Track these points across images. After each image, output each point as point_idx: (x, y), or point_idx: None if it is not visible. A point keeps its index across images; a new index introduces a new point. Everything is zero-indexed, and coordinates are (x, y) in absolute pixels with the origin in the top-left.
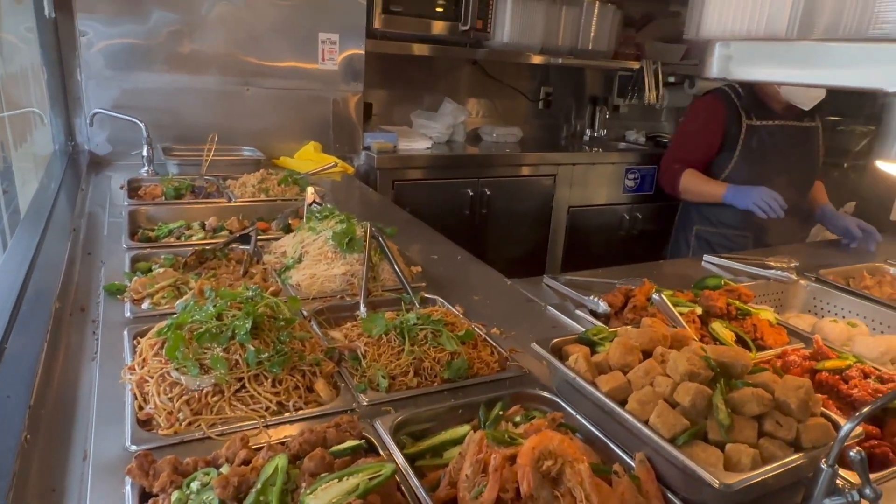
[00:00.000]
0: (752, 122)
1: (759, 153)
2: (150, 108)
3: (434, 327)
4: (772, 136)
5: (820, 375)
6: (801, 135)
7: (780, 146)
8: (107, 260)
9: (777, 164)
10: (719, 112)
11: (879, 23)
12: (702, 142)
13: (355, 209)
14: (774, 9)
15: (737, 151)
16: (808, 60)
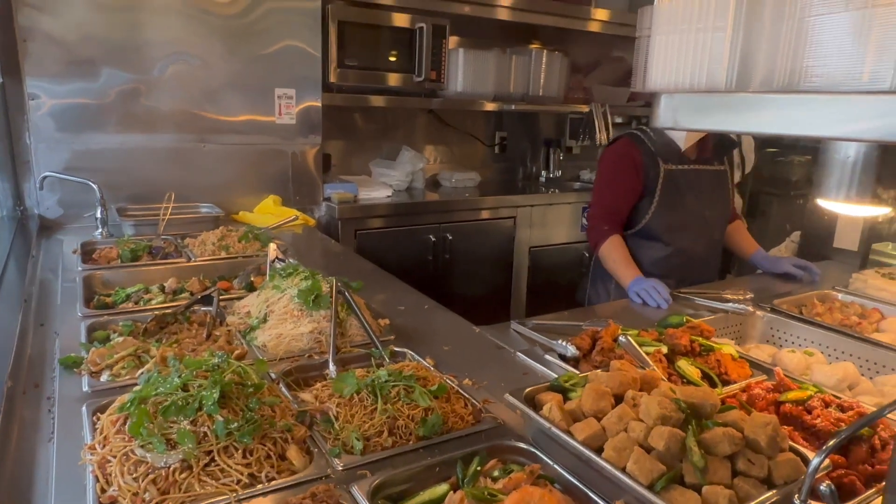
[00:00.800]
0: (668, 166)
1: (677, 197)
2: (104, 169)
3: (406, 383)
4: (686, 180)
5: (784, 407)
6: (713, 178)
7: (695, 190)
8: (61, 330)
9: (694, 207)
10: (636, 157)
11: (810, 77)
12: (623, 189)
13: (318, 262)
14: (713, 64)
15: (656, 196)
16: (747, 111)
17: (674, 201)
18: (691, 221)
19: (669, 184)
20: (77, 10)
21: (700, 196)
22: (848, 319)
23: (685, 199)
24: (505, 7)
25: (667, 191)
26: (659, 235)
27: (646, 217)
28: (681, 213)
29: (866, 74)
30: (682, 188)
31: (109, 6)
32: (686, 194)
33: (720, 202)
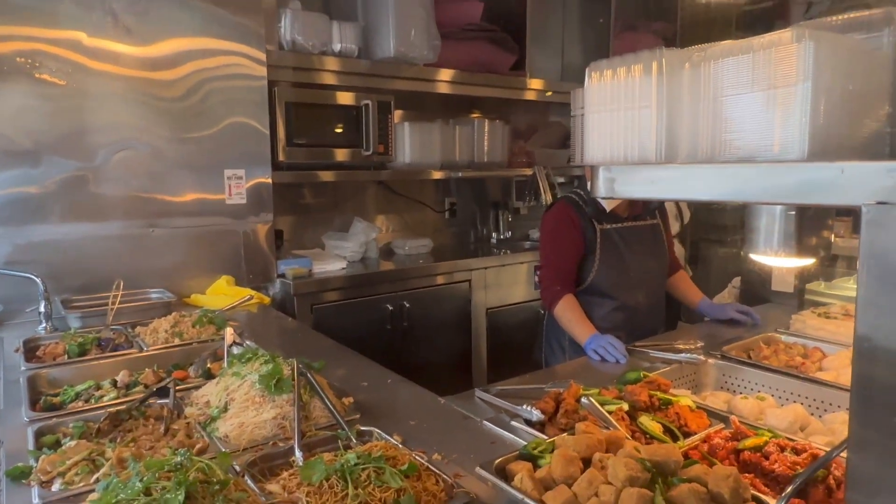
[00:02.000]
0: (602, 226)
1: (616, 254)
2: (47, 261)
3: (376, 465)
4: (623, 238)
5: (743, 455)
6: (647, 232)
7: (632, 245)
8: (6, 437)
9: (633, 262)
10: (574, 218)
11: (729, 148)
12: (567, 249)
13: (276, 342)
14: (643, 138)
15: (597, 256)
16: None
17: (613, 258)
18: (632, 276)
19: (607, 242)
20: (14, 99)
21: (637, 251)
22: (793, 360)
23: (624, 256)
24: (445, 81)
25: (606, 249)
26: (604, 291)
27: (590, 275)
28: (621, 268)
29: (776, 146)
30: (620, 245)
31: (51, 96)
32: (624, 251)
33: (658, 254)
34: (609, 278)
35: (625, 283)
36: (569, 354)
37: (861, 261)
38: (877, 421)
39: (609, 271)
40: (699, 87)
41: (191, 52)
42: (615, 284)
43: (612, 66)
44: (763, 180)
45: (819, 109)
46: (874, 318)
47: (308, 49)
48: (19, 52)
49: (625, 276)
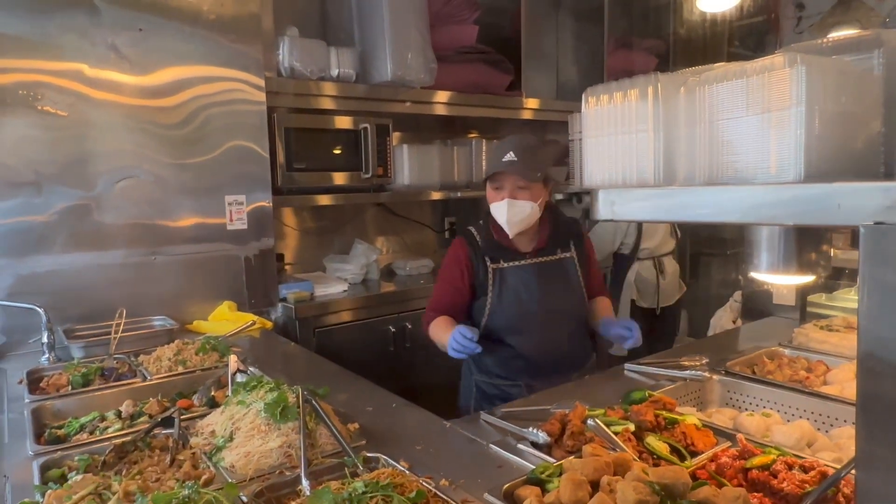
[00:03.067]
0: (497, 265)
1: (511, 296)
2: (49, 292)
3: (384, 493)
4: (518, 278)
5: (751, 474)
6: (554, 269)
7: (530, 286)
8: (11, 473)
9: (532, 304)
10: (463, 256)
11: (727, 171)
12: (450, 289)
13: (280, 367)
14: (641, 161)
15: (489, 298)
16: (676, 202)
17: (507, 299)
18: (530, 316)
19: (501, 283)
20: (16, 130)
21: (537, 289)
22: (797, 374)
23: (519, 296)
24: (442, 103)
25: (499, 290)
26: (500, 336)
27: (483, 318)
28: (516, 309)
29: (773, 167)
30: (515, 286)
31: (52, 127)
32: (519, 291)
33: (569, 291)
34: (504, 322)
35: (524, 325)
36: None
37: (861, 280)
38: (883, 437)
39: (504, 311)
40: (695, 110)
41: (190, 79)
42: (511, 329)
43: (609, 91)
44: (760, 202)
45: (813, 131)
46: (876, 337)
47: (306, 75)
48: (21, 84)
49: (523, 319)
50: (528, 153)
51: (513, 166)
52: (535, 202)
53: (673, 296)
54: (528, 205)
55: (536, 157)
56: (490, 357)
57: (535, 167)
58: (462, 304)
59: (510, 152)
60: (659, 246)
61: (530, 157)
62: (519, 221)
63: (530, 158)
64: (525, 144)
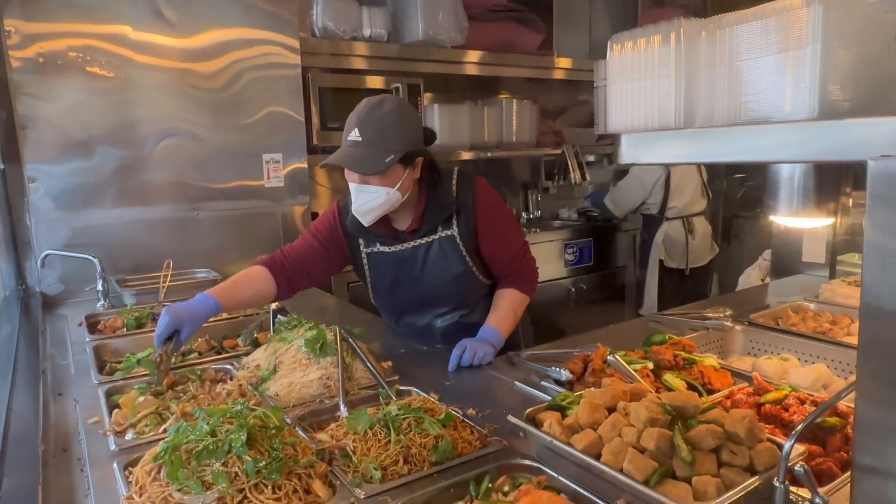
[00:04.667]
0: (370, 249)
1: (384, 280)
2: (102, 244)
3: (416, 415)
4: (388, 261)
5: (764, 408)
6: (427, 250)
7: (401, 270)
8: (80, 398)
9: (405, 288)
10: (332, 225)
11: (747, 111)
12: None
13: (317, 315)
14: (663, 106)
15: (368, 279)
16: (695, 143)
17: (381, 282)
18: (406, 298)
19: (374, 265)
20: (71, 95)
21: (408, 273)
22: (821, 327)
23: (391, 279)
24: (473, 63)
25: (374, 272)
26: (388, 310)
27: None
28: (389, 291)
29: (788, 106)
30: (386, 269)
31: (101, 89)
32: (391, 274)
33: (446, 274)
34: (384, 301)
35: (402, 306)
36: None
37: (867, 214)
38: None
39: (382, 295)
40: (715, 53)
41: (229, 42)
42: (392, 307)
43: (633, 38)
44: (774, 140)
45: (829, 71)
46: (880, 269)
47: (339, 35)
48: (72, 46)
49: (399, 301)
50: (378, 131)
51: (349, 157)
52: (392, 187)
53: (704, 256)
54: (383, 191)
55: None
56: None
57: (386, 148)
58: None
59: (355, 129)
60: (688, 205)
61: (380, 137)
62: (370, 210)
63: (380, 138)
64: (377, 117)
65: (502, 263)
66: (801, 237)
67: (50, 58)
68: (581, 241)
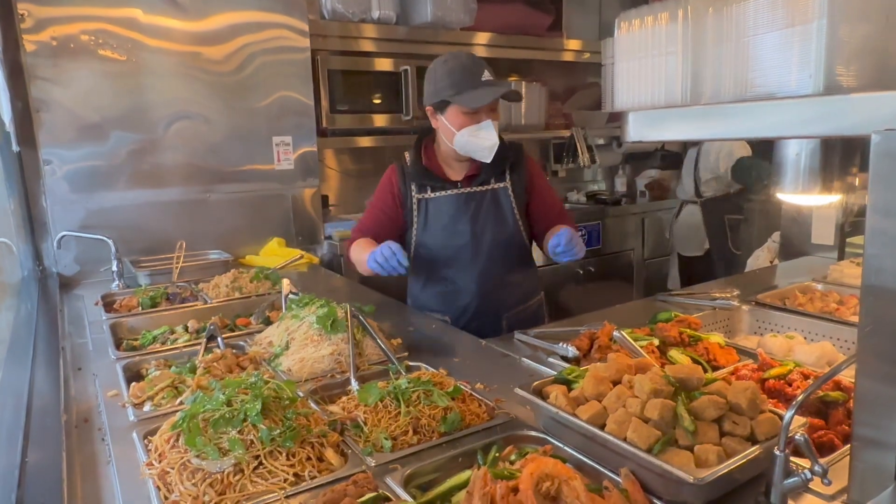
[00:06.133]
0: (422, 195)
1: (438, 227)
2: (116, 226)
3: (425, 388)
4: (446, 207)
5: (768, 383)
6: (484, 199)
7: (458, 217)
8: (99, 373)
9: (460, 234)
10: (393, 182)
11: (753, 87)
12: (378, 212)
13: (328, 295)
14: (669, 83)
15: (415, 227)
16: (701, 120)
17: (434, 229)
18: (459, 246)
19: (427, 213)
20: (85, 80)
21: (465, 220)
22: (828, 307)
23: (446, 226)
24: (482, 45)
25: (425, 219)
26: (429, 261)
27: (412, 246)
28: (442, 239)
29: (793, 82)
30: (441, 215)
31: (114, 73)
32: (446, 221)
33: (495, 221)
34: (431, 251)
35: (452, 255)
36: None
37: (870, 187)
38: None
39: (430, 241)
40: (722, 29)
41: (239, 25)
42: (441, 257)
43: (641, 16)
44: (779, 116)
45: (834, 46)
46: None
47: (348, 17)
48: (84, 30)
49: (450, 250)
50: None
51: (500, 92)
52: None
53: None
54: (497, 125)
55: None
56: (423, 290)
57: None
58: (389, 231)
59: (485, 72)
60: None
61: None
62: (496, 143)
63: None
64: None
65: (550, 217)
66: (810, 219)
67: (63, 41)
68: (590, 224)
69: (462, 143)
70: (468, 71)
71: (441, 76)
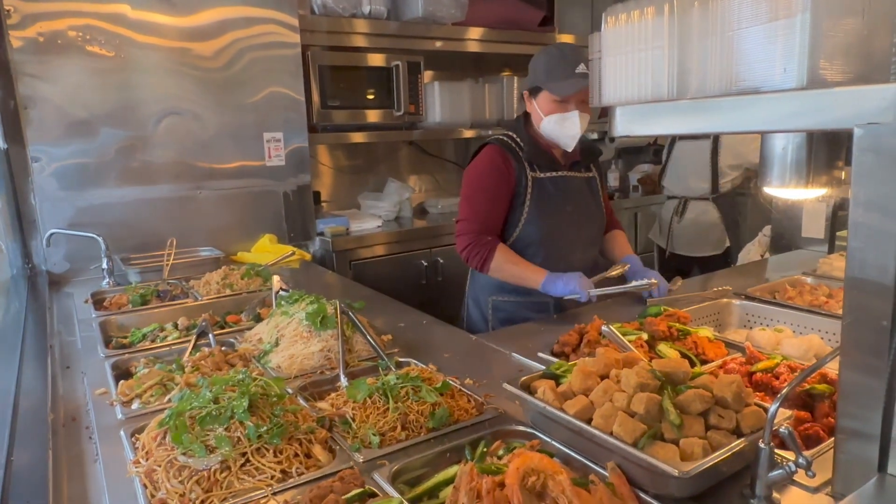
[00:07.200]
0: (536, 174)
1: (550, 206)
2: (106, 223)
3: (413, 383)
4: (557, 188)
5: (755, 376)
6: (583, 185)
7: (566, 198)
8: (87, 370)
9: (567, 216)
10: (505, 165)
11: (739, 81)
12: (496, 198)
13: (319, 291)
14: (656, 77)
15: (527, 204)
16: (688, 114)
17: (546, 208)
18: (564, 228)
19: (540, 191)
20: (73, 76)
21: (571, 202)
22: (817, 300)
23: (557, 206)
24: (474, 40)
25: (538, 198)
26: (533, 243)
27: (518, 227)
28: (554, 219)
29: (778, 76)
30: (553, 195)
31: (102, 69)
32: (557, 201)
33: (592, 208)
34: (539, 229)
35: (555, 235)
36: (492, 324)
37: (853, 181)
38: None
39: (539, 222)
40: (707, 23)
41: (229, 21)
42: (545, 236)
43: (627, 10)
44: (763, 109)
45: (819, 39)
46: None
47: (339, 12)
48: (71, 26)
49: (556, 228)
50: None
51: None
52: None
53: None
54: (588, 117)
55: None
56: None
57: None
58: (501, 217)
59: (581, 64)
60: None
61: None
62: (581, 133)
63: None
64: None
65: (611, 214)
66: (800, 213)
67: (50, 37)
68: None
69: (548, 129)
70: (565, 60)
71: (540, 62)
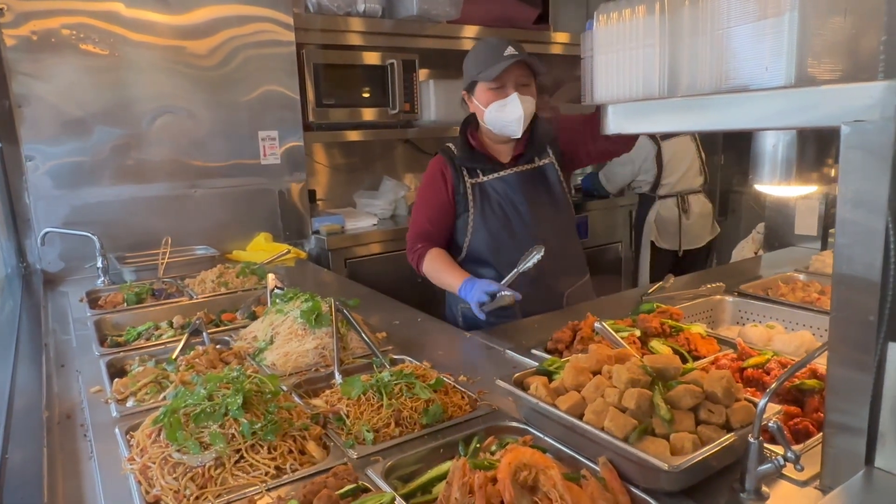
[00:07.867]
0: (477, 178)
1: (494, 209)
2: (101, 221)
3: (407, 380)
4: (502, 189)
5: (746, 372)
6: (536, 177)
7: (514, 195)
8: (82, 369)
9: (519, 213)
10: (447, 173)
11: (729, 79)
12: (434, 207)
13: (314, 289)
14: (647, 75)
15: (471, 214)
16: (678, 112)
17: (491, 214)
18: (520, 229)
19: (483, 197)
20: (67, 75)
21: (524, 201)
22: (809, 297)
23: (504, 209)
24: (469, 38)
25: (481, 205)
26: (486, 256)
27: (468, 235)
28: (502, 223)
29: (766, 74)
30: (498, 198)
31: (96, 68)
32: (504, 203)
33: (550, 197)
34: (489, 235)
35: (511, 241)
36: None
37: (840, 178)
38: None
39: (488, 227)
40: (698, 22)
41: (223, 19)
42: (498, 245)
43: (619, 8)
44: (752, 107)
45: (807, 38)
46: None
47: (333, 10)
48: (65, 24)
49: (506, 234)
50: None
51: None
52: (534, 98)
53: (701, 237)
54: (532, 101)
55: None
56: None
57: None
58: (442, 226)
59: (509, 47)
60: (682, 182)
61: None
62: (526, 117)
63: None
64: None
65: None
66: (793, 210)
67: (44, 36)
68: (577, 217)
69: (492, 120)
70: (491, 48)
71: (469, 60)
